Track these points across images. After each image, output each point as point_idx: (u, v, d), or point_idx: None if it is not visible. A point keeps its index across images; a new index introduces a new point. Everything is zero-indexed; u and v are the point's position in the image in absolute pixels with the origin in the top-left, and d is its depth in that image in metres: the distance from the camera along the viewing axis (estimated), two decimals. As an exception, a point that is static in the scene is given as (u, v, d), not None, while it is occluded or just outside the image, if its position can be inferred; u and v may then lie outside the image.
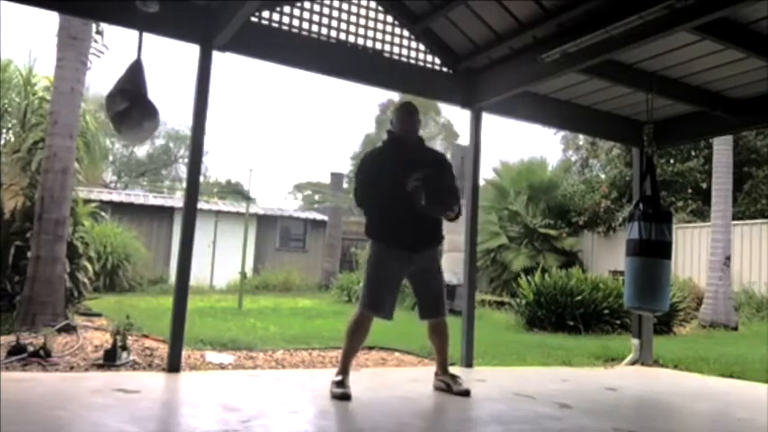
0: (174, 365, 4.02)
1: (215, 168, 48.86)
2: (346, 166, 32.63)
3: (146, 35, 3.93)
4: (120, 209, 15.75)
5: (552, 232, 14.40)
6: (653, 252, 4.57)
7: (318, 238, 19.53)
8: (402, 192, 3.49)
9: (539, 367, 5.52)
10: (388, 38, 4.97)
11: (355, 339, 3.65)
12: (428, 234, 3.72)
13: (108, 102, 3.86)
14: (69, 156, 5.78)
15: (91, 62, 5.96)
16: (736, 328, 10.03)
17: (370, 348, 5.70)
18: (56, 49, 5.82)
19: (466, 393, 3.65)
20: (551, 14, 4.39)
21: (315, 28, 4.65)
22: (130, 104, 3.77)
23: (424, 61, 5.16)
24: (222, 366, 4.50)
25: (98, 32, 6.07)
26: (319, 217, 20.17)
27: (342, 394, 3.38)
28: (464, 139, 5.78)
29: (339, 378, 3.51)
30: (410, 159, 3.65)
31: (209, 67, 4.25)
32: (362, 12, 4.86)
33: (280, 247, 18.94)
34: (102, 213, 11.42)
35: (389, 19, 4.98)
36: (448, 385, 3.73)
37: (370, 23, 4.90)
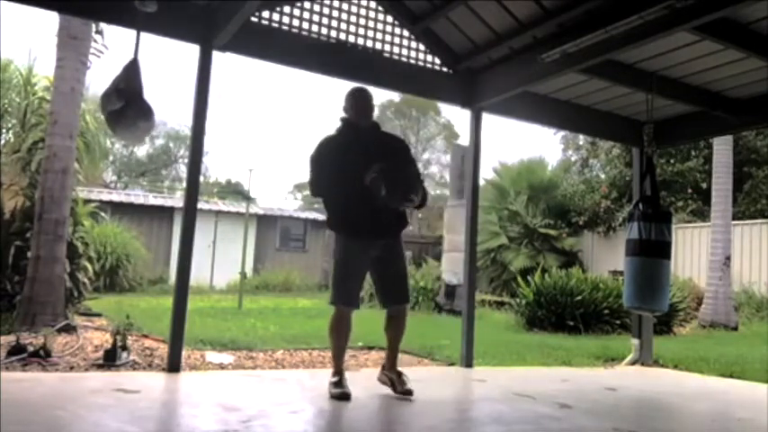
0: (174, 365, 4.02)
1: (215, 168, 48.82)
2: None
3: (144, 35, 3.92)
4: (120, 209, 15.74)
5: (552, 232, 14.41)
6: (653, 252, 4.57)
7: (318, 238, 19.52)
8: (360, 181, 3.38)
9: (539, 367, 5.52)
10: (388, 38, 4.97)
11: (340, 338, 3.59)
12: (390, 222, 3.59)
13: (103, 101, 3.85)
14: (69, 156, 5.78)
15: (91, 62, 5.96)
16: (736, 328, 10.03)
17: (370, 348, 5.70)
18: (56, 49, 5.82)
19: (408, 393, 3.48)
20: (551, 14, 4.39)
21: (315, 28, 4.65)
22: (125, 104, 3.75)
23: (424, 61, 5.16)
24: (222, 366, 4.50)
25: (98, 32, 6.07)
26: (319, 217, 20.12)
27: (341, 394, 3.35)
28: (464, 139, 5.77)
29: (336, 379, 3.47)
30: (367, 146, 3.54)
31: (209, 67, 4.25)
32: (362, 12, 4.86)
33: (280, 247, 18.93)
34: (102, 213, 11.42)
35: (389, 19, 4.98)
36: (392, 383, 3.57)
37: (370, 23, 4.90)
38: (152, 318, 6.73)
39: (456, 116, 39.28)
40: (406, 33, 5.05)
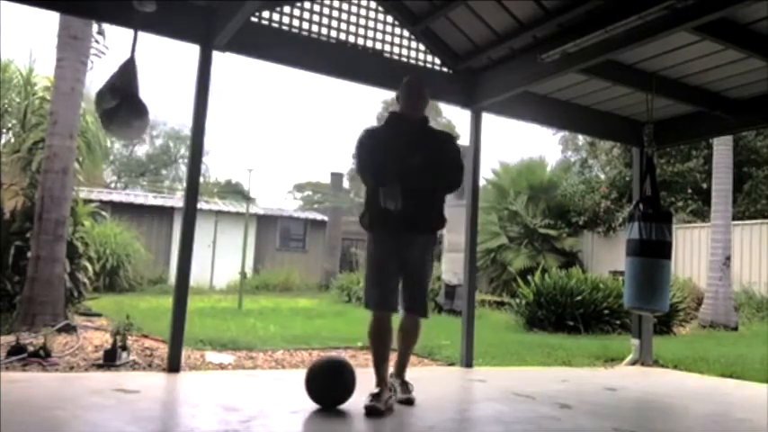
0: (174, 365, 4.02)
1: (215, 168, 48.93)
2: (347, 166, 32.57)
3: (144, 34, 3.93)
4: (120, 209, 15.74)
5: (552, 232, 14.40)
6: (653, 252, 4.57)
7: (318, 238, 19.54)
8: (398, 174, 3.24)
9: (539, 367, 5.52)
10: (388, 38, 4.97)
11: (377, 344, 3.36)
12: (423, 218, 3.38)
13: (98, 99, 3.86)
14: (69, 156, 5.78)
15: (92, 62, 5.95)
16: (736, 329, 10.03)
17: (370, 348, 5.70)
18: (56, 49, 5.82)
19: (409, 402, 3.32)
20: (551, 14, 4.39)
21: (315, 28, 4.65)
22: (120, 102, 3.75)
23: (425, 61, 5.16)
24: (222, 366, 4.50)
25: (99, 33, 6.06)
26: (319, 217, 20.18)
27: (371, 408, 3.11)
28: (464, 140, 5.77)
29: (376, 391, 3.23)
30: (410, 141, 3.38)
31: (209, 67, 4.25)
32: (362, 12, 4.86)
33: (280, 247, 18.94)
34: (103, 213, 11.41)
35: (389, 19, 4.98)
36: (394, 389, 3.40)
37: (370, 23, 4.90)
38: (152, 318, 6.73)
39: (456, 116, 39.30)
40: (406, 33, 5.05)
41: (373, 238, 3.45)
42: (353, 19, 4.82)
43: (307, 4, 4.63)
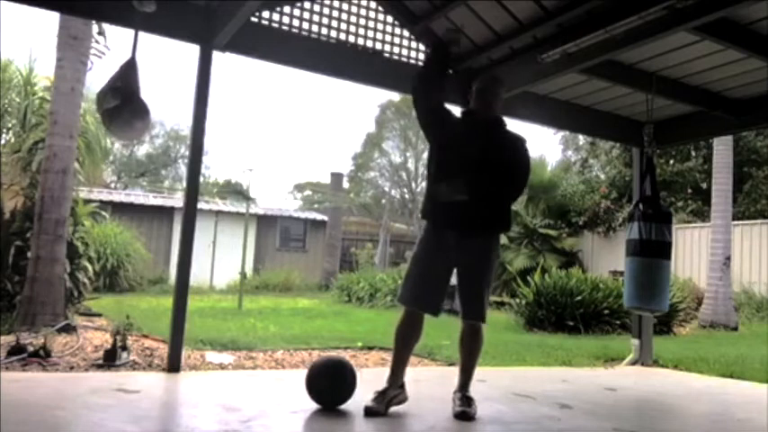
0: (174, 365, 4.02)
1: (215, 168, 48.85)
2: (346, 166, 32.57)
3: (143, 34, 3.93)
4: (120, 209, 15.73)
5: (552, 232, 14.40)
6: (653, 252, 4.58)
7: (318, 238, 19.53)
8: (463, 169, 3.14)
9: (539, 367, 5.52)
10: (388, 38, 4.97)
11: (398, 342, 3.26)
12: (486, 219, 3.24)
13: (99, 99, 3.87)
14: (69, 156, 5.79)
15: (92, 63, 5.96)
16: (736, 329, 10.03)
17: (370, 349, 5.71)
18: (56, 49, 5.83)
19: (464, 416, 3.15)
20: (551, 14, 4.38)
21: (315, 28, 4.65)
22: (121, 102, 3.76)
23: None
24: (222, 366, 4.50)
25: (100, 33, 6.07)
26: (319, 217, 20.17)
27: (367, 409, 3.08)
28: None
29: (384, 387, 3.19)
30: (480, 139, 3.23)
31: (209, 67, 4.25)
32: (362, 12, 4.86)
33: (280, 247, 18.93)
34: (103, 213, 11.42)
35: (389, 19, 4.98)
36: (453, 402, 3.30)
37: (370, 23, 4.90)
38: (152, 318, 6.73)
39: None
40: (406, 33, 5.04)
41: (426, 233, 3.32)
42: (353, 19, 4.82)
43: (307, 4, 4.63)
